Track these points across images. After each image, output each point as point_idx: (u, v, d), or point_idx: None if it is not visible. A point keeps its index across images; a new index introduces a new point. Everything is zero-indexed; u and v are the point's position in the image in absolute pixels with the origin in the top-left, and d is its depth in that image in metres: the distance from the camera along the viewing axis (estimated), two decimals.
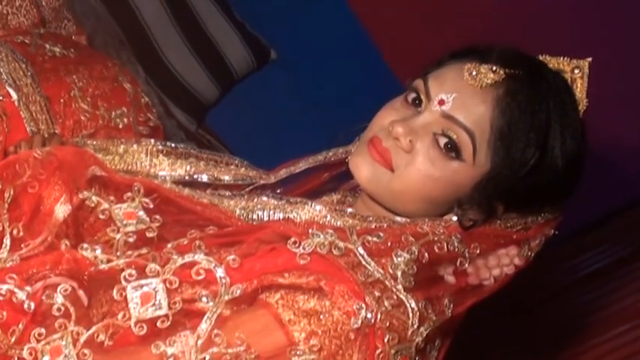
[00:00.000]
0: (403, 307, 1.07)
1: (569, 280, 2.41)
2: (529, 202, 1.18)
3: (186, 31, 2.50)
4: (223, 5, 2.59)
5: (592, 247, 2.44)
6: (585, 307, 2.29)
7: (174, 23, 2.48)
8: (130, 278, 1.09)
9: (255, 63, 2.65)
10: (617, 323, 2.15)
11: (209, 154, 1.37)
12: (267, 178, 1.36)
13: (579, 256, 2.43)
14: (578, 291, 2.36)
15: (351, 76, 2.65)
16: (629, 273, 2.31)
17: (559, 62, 1.21)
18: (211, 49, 2.55)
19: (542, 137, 1.14)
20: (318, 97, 2.63)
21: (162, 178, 1.33)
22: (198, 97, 2.54)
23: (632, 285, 2.26)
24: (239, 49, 2.60)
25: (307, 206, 1.21)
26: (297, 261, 1.08)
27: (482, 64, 1.15)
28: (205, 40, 2.54)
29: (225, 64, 2.58)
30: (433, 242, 1.13)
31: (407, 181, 1.16)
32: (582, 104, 1.19)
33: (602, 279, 2.33)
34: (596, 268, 2.39)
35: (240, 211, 1.24)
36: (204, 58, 2.53)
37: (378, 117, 1.21)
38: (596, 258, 2.41)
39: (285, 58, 2.71)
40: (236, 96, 2.67)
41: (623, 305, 2.22)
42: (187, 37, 2.50)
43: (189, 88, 2.51)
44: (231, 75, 2.61)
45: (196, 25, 2.53)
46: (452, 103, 1.15)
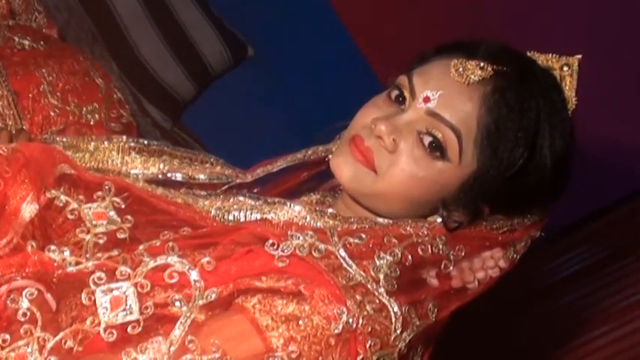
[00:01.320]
0: (386, 312, 1.03)
1: (550, 282, 2.38)
2: (516, 204, 1.15)
3: (162, 26, 2.45)
4: (200, 0, 2.54)
5: (572, 249, 2.41)
6: (566, 309, 2.27)
7: (150, 18, 2.42)
8: (99, 282, 1.04)
9: (231, 60, 2.61)
10: (600, 324, 2.13)
11: (183, 151, 1.33)
12: (243, 177, 1.31)
13: (559, 259, 2.40)
14: (558, 293, 2.33)
15: (330, 73, 2.62)
16: (609, 274, 2.28)
17: (548, 59, 1.18)
18: (187, 45, 2.50)
19: (531, 137, 1.10)
20: (296, 95, 2.59)
21: (135, 176, 1.28)
22: (173, 94, 2.49)
23: (613, 286, 2.25)
24: (215, 45, 2.55)
25: (286, 207, 1.16)
26: (275, 264, 1.04)
27: (469, 60, 1.12)
28: (181, 36, 2.49)
29: (202, 61, 2.53)
30: (417, 244, 1.10)
31: (390, 181, 1.12)
32: (571, 103, 1.15)
33: (583, 280, 2.31)
34: (576, 269, 2.36)
35: (216, 212, 1.19)
36: (179, 54, 2.48)
37: (359, 115, 1.17)
38: (576, 260, 2.39)
39: (262, 55, 2.67)
40: (212, 93, 2.63)
41: (604, 306, 2.20)
42: (163, 32, 2.45)
43: (164, 85, 2.46)
44: (208, 72, 2.56)
45: (172, 20, 2.48)
46: (437, 100, 1.11)
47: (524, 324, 2.24)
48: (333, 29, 2.65)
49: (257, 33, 2.63)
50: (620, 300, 2.17)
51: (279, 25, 2.61)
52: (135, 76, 2.39)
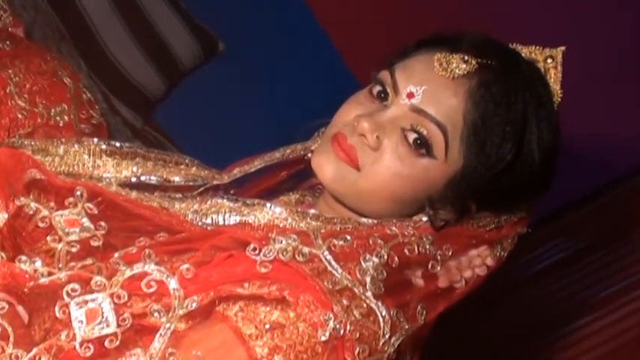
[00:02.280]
0: (373, 316, 1.00)
1: (528, 274, 2.37)
2: (504, 200, 1.12)
3: (130, 23, 2.39)
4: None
5: (549, 241, 2.41)
6: (546, 301, 2.27)
7: (118, 14, 2.37)
8: (73, 293, 1.00)
9: (202, 55, 2.55)
10: (580, 315, 2.13)
11: (157, 153, 1.28)
12: (220, 178, 1.27)
13: (536, 250, 2.39)
14: (537, 285, 2.32)
15: (303, 67, 2.58)
16: (587, 265, 2.29)
17: (531, 51, 1.15)
18: (157, 42, 2.45)
19: (518, 131, 1.07)
20: (270, 90, 2.55)
21: (107, 180, 1.23)
22: (143, 91, 2.44)
23: (591, 277, 2.25)
24: (185, 41, 2.50)
25: (266, 208, 1.12)
26: (258, 269, 1.00)
27: (453, 53, 1.08)
28: (150, 32, 2.44)
29: (172, 57, 2.48)
30: (403, 244, 1.06)
31: (374, 180, 1.09)
32: (557, 95, 1.13)
33: (561, 272, 2.31)
34: (554, 261, 2.36)
35: (193, 215, 1.14)
36: (149, 51, 2.43)
37: (341, 112, 1.14)
38: (554, 251, 2.38)
39: (234, 50, 2.61)
40: (184, 90, 2.58)
41: (583, 297, 2.20)
42: (131, 29, 2.39)
43: (135, 83, 2.41)
44: (178, 68, 2.51)
45: (141, 16, 2.42)
46: (421, 95, 1.08)
47: (503, 317, 2.22)
48: (305, 23, 2.61)
49: (228, 27, 2.58)
50: (600, 291, 2.17)
51: (250, 19, 2.56)
52: (104, 74, 2.33)
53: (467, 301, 1.15)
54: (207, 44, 2.56)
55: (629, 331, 2.05)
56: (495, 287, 2.23)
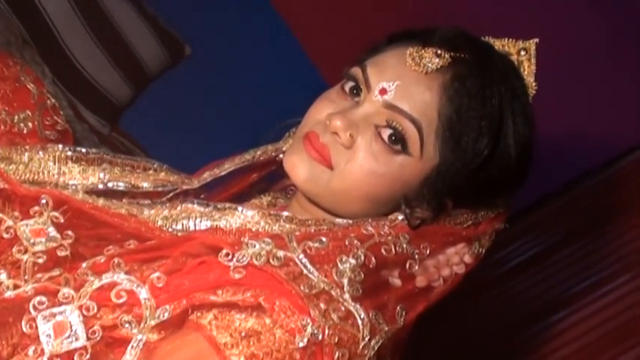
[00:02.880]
0: (352, 319, 0.97)
1: (502, 270, 2.36)
2: (481, 196, 1.10)
3: (95, 27, 2.35)
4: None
5: (521, 236, 2.39)
6: (521, 297, 2.26)
7: (81, 19, 2.32)
8: (40, 306, 0.97)
9: (169, 59, 2.52)
10: (555, 310, 2.12)
11: (124, 158, 1.25)
12: (189, 183, 1.24)
13: (509, 246, 2.38)
14: (511, 281, 2.31)
15: (271, 70, 2.55)
16: (561, 259, 2.28)
17: (504, 44, 1.13)
18: (122, 46, 2.41)
19: (495, 125, 1.05)
20: (238, 93, 2.51)
21: (73, 187, 1.19)
22: (110, 97, 2.40)
23: (565, 271, 2.24)
24: (151, 45, 2.46)
25: (237, 212, 1.09)
26: (231, 275, 0.97)
27: (425, 47, 1.06)
28: (115, 37, 2.40)
29: (138, 62, 2.44)
30: (380, 244, 1.04)
31: (348, 179, 1.06)
32: (531, 88, 1.11)
33: (535, 267, 2.30)
34: (527, 256, 2.35)
35: (163, 221, 1.11)
36: (114, 56, 2.38)
37: (312, 110, 1.11)
38: (527, 246, 2.37)
39: (200, 54, 2.58)
40: (151, 95, 2.54)
41: (558, 292, 2.19)
42: (96, 34, 2.35)
43: (100, 89, 2.37)
44: (145, 73, 2.47)
45: (105, 21, 2.38)
46: (395, 91, 1.05)
47: (478, 314, 2.21)
48: (272, 24, 2.59)
49: (194, 31, 2.55)
50: (574, 285, 2.17)
51: (216, 21, 2.53)
52: (69, 80, 2.29)
53: (442, 299, 1.13)
54: (174, 48, 2.52)
55: (604, 324, 2.05)
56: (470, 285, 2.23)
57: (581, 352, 2.02)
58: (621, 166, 2.39)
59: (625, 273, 2.10)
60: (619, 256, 2.17)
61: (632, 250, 2.16)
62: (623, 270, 2.12)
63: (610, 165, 2.40)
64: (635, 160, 2.38)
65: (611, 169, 2.40)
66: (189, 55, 2.57)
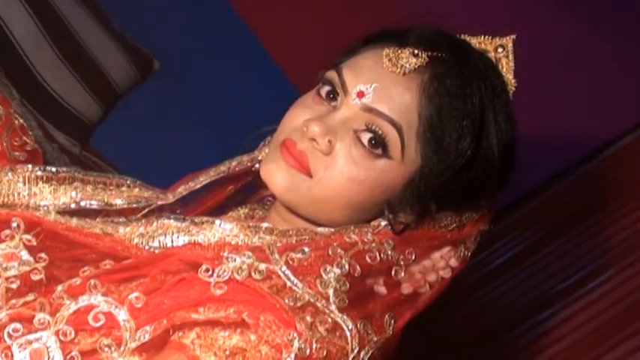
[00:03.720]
0: (340, 331, 0.94)
1: (485, 272, 2.34)
2: (464, 198, 1.07)
3: (62, 47, 2.31)
4: (99, 16, 2.41)
5: (503, 236, 2.38)
6: (505, 297, 2.24)
7: (48, 38, 2.29)
8: (15, 334, 0.93)
9: (138, 75, 2.48)
10: (542, 308, 2.11)
11: (96, 176, 1.21)
12: (164, 198, 1.20)
13: (491, 247, 2.36)
14: (495, 282, 2.29)
15: (242, 80, 2.52)
16: (544, 257, 2.26)
17: (481, 42, 1.10)
18: (90, 64, 2.37)
19: (477, 124, 1.02)
20: (209, 105, 2.49)
21: (45, 208, 1.15)
22: (79, 116, 2.36)
23: (549, 269, 2.22)
24: (119, 62, 2.43)
25: (215, 226, 1.06)
26: (213, 291, 0.94)
27: (402, 48, 1.03)
28: (83, 55, 2.36)
29: (106, 79, 2.41)
30: (364, 252, 1.01)
31: (328, 186, 1.03)
32: (511, 85, 1.08)
33: (518, 267, 2.28)
34: (510, 256, 2.33)
35: (139, 239, 1.08)
36: (82, 74, 2.35)
37: (288, 116, 1.08)
38: (509, 246, 2.36)
39: (170, 67, 2.55)
40: (121, 112, 2.50)
41: (543, 290, 2.17)
42: (63, 53, 2.31)
43: (69, 108, 2.33)
44: (114, 90, 2.44)
45: (72, 39, 2.34)
46: (372, 94, 1.02)
47: (463, 317, 2.19)
48: (240, 33, 2.56)
49: (162, 44, 2.52)
50: (558, 282, 2.15)
51: (183, 34, 2.51)
52: (37, 100, 2.25)
53: (430, 305, 1.10)
54: (142, 63, 2.49)
55: (591, 321, 2.03)
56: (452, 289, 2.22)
57: (570, 350, 2.00)
58: (597, 161, 2.39)
59: (609, 268, 2.09)
60: (602, 251, 2.16)
61: (614, 244, 2.15)
62: (607, 265, 2.11)
63: (585, 161, 2.40)
64: (610, 155, 2.39)
65: (587, 164, 2.40)
66: (158, 69, 2.54)
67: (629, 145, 2.37)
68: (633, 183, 2.23)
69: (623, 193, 2.23)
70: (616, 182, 2.30)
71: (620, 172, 2.32)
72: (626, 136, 2.37)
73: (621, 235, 2.16)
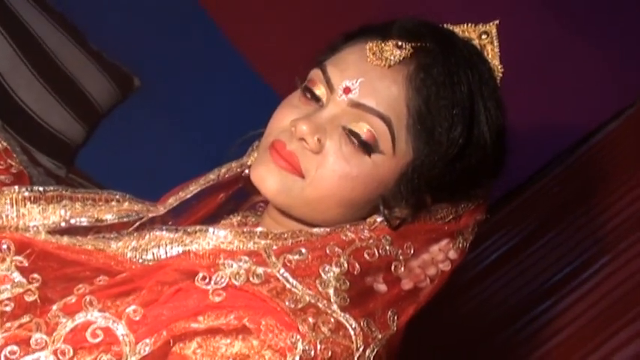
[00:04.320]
0: (343, 330, 0.92)
1: (479, 268, 2.33)
2: (459, 188, 1.05)
3: (40, 69, 2.30)
4: (75, 36, 2.40)
5: (494, 232, 2.37)
6: (501, 293, 2.23)
7: (26, 62, 2.27)
8: (12, 357, 0.91)
9: (119, 93, 2.47)
10: (540, 301, 2.09)
11: (84, 192, 1.19)
12: (155, 210, 1.18)
13: (483, 244, 2.35)
14: (490, 279, 2.28)
15: (223, 91, 2.51)
16: (538, 250, 2.25)
17: (464, 29, 1.09)
18: (70, 85, 2.36)
19: (467, 112, 1.01)
20: (193, 118, 2.48)
21: (35, 229, 1.13)
22: (63, 138, 2.34)
23: (544, 261, 2.21)
24: (99, 81, 2.42)
25: (209, 234, 1.04)
26: (211, 299, 0.92)
27: (385, 40, 1.02)
28: (62, 77, 2.35)
29: (87, 99, 2.39)
30: (362, 249, 0.99)
31: (321, 186, 1.01)
32: (497, 71, 1.07)
33: (512, 261, 2.27)
34: (503, 251, 2.32)
35: (132, 253, 1.06)
36: (63, 96, 2.33)
37: (275, 118, 1.06)
38: (501, 241, 2.34)
39: (150, 84, 2.54)
40: (104, 131, 2.49)
41: (540, 282, 2.16)
42: (42, 76, 2.30)
43: (53, 131, 2.31)
44: (96, 110, 2.42)
45: (50, 62, 2.33)
46: (359, 89, 1.01)
47: (459, 316, 2.18)
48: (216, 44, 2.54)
49: (141, 61, 2.50)
50: (555, 274, 2.14)
51: (162, 49, 2.49)
52: (19, 125, 2.23)
53: (432, 299, 1.09)
54: (122, 82, 2.48)
55: (590, 310, 2.02)
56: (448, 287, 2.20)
57: (571, 340, 1.99)
58: (583, 150, 2.39)
59: (604, 255, 2.08)
60: (595, 239, 2.15)
61: (607, 231, 2.14)
62: (601, 252, 2.10)
63: (571, 151, 2.40)
64: (596, 143, 2.39)
65: (573, 155, 2.40)
66: (138, 86, 2.53)
67: (614, 133, 2.38)
68: (620, 170, 2.23)
69: (611, 181, 2.22)
70: (603, 170, 2.29)
71: (607, 159, 2.32)
72: (610, 124, 2.37)
73: (613, 222, 2.15)
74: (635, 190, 2.13)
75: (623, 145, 2.31)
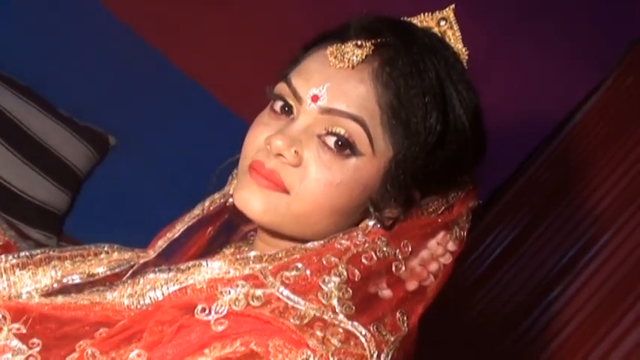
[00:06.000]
0: (354, 339, 0.90)
1: (483, 268, 2.31)
2: (446, 177, 1.04)
3: (15, 144, 2.29)
4: (44, 105, 2.39)
5: (491, 230, 2.36)
6: (510, 287, 2.21)
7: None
8: None
9: (96, 155, 2.46)
10: (547, 290, 2.08)
11: (71, 250, 1.17)
12: (145, 255, 1.16)
13: (482, 243, 2.34)
14: (494, 276, 2.27)
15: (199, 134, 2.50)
16: (538, 239, 2.25)
17: (422, 20, 1.08)
18: (47, 155, 2.35)
19: (439, 98, 0.99)
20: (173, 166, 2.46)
21: (28, 294, 1.11)
22: (49, 208, 2.33)
23: (545, 249, 2.21)
24: (75, 146, 2.41)
25: (203, 267, 1.02)
26: (214, 329, 0.90)
27: (344, 42, 1.01)
28: (38, 148, 2.34)
29: (66, 165, 2.38)
30: (359, 254, 0.98)
31: (308, 198, 0.99)
32: (463, 54, 1.06)
33: (515, 254, 2.27)
34: (504, 246, 2.32)
35: (129, 300, 1.04)
36: (42, 167, 2.33)
37: (249, 138, 1.05)
38: (501, 237, 2.34)
39: (126, 140, 2.52)
40: (87, 194, 2.47)
41: (546, 271, 2.15)
42: (18, 150, 2.29)
43: (37, 203, 2.30)
44: (76, 175, 2.41)
45: (23, 135, 2.32)
46: (327, 94, 0.99)
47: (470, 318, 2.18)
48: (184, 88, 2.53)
49: (114, 119, 2.49)
50: (559, 260, 2.13)
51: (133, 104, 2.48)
52: (3, 202, 2.22)
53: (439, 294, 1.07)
54: (98, 142, 2.47)
55: (600, 290, 2.01)
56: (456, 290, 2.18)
57: (586, 323, 1.97)
58: (564, 134, 2.39)
59: (603, 234, 2.08)
60: (593, 219, 2.14)
61: (602, 210, 2.14)
62: (600, 231, 2.09)
63: (554, 135, 2.39)
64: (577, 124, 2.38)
65: (557, 138, 2.40)
66: (114, 144, 2.51)
67: (593, 110, 2.37)
68: (605, 148, 2.22)
69: (596, 161, 2.22)
70: (587, 150, 2.29)
71: (591, 136, 2.31)
72: (588, 100, 2.37)
73: (606, 199, 2.15)
74: (625, 161, 2.13)
75: (603, 122, 2.31)
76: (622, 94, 2.29)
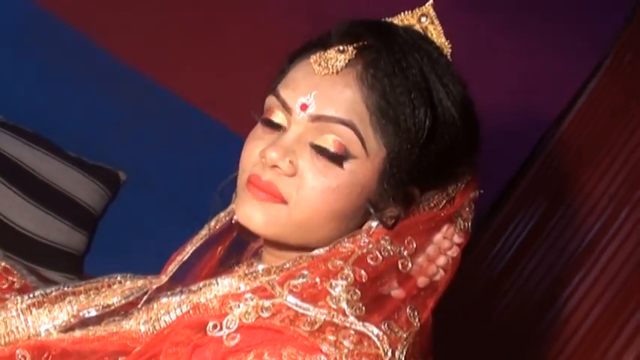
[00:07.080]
0: (367, 340, 0.91)
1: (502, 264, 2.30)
2: (443, 171, 1.05)
3: (27, 190, 2.30)
4: (51, 148, 2.41)
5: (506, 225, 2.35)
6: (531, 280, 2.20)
7: (11, 186, 2.28)
8: None
9: (108, 192, 2.47)
10: (569, 278, 2.08)
11: (85, 284, 1.19)
12: (158, 281, 1.18)
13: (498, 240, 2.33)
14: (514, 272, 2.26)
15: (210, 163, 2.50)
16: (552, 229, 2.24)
17: (402, 18, 1.10)
18: (59, 197, 2.36)
19: (425, 93, 1.01)
20: (185, 197, 2.47)
21: (47, 332, 1.13)
22: (67, 250, 2.34)
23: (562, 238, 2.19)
24: (87, 186, 2.42)
25: (214, 286, 1.04)
26: (227, 344, 0.91)
27: (327, 49, 1.03)
28: (49, 191, 2.35)
29: (80, 205, 2.39)
30: (364, 256, 0.98)
31: (306, 205, 1.00)
32: (446, 48, 1.07)
33: (532, 247, 2.26)
34: (520, 241, 2.31)
35: (145, 326, 1.06)
36: (55, 209, 2.34)
37: (244, 154, 1.06)
38: (516, 232, 2.33)
39: (135, 175, 2.54)
40: (104, 232, 2.48)
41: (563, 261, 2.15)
42: (30, 196, 2.30)
43: (55, 245, 2.32)
44: (91, 214, 2.42)
45: (34, 180, 2.34)
46: (315, 102, 1.01)
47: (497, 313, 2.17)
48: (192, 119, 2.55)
49: (122, 155, 2.51)
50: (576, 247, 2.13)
51: (138, 136, 2.49)
52: (20, 249, 2.23)
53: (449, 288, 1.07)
54: (109, 179, 2.48)
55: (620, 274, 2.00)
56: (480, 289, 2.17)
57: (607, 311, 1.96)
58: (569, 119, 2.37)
59: (617, 216, 2.07)
60: (605, 203, 2.13)
61: (614, 192, 2.13)
62: (614, 215, 2.08)
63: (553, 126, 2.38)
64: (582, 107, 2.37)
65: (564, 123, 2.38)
66: (125, 180, 2.53)
67: (594, 93, 2.37)
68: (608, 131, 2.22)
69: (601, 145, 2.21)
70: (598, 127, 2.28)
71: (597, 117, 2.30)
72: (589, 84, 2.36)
73: (618, 177, 2.14)
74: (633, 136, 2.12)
75: (607, 99, 2.30)
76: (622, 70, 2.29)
